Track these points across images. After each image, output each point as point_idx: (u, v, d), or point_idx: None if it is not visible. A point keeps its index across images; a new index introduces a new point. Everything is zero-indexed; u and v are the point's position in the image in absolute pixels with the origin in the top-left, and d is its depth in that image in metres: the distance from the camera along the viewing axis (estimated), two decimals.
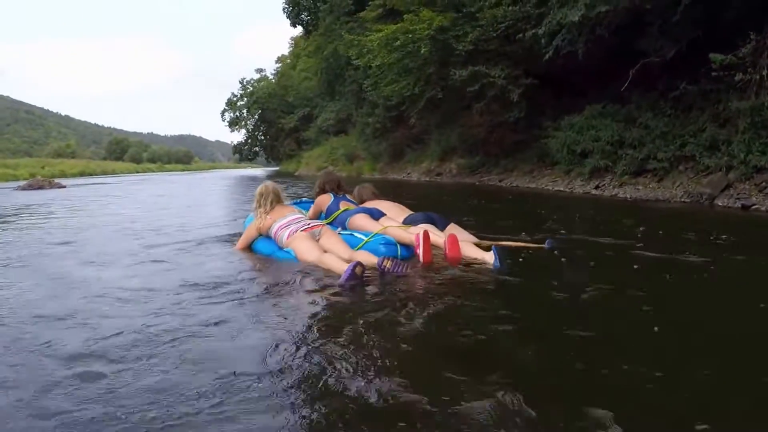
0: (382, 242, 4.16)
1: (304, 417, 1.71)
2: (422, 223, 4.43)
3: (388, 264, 3.63)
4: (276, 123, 57.26)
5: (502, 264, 3.73)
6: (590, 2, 9.40)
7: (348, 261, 3.66)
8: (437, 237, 4.16)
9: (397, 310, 2.79)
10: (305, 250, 4.05)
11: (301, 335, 2.54)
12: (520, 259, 4.05)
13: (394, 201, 5.22)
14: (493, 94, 13.87)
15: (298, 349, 2.33)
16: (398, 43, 14.87)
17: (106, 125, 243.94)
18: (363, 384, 1.92)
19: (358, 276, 3.45)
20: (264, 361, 2.19)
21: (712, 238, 5.14)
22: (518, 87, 13.28)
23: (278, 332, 2.58)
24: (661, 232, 5.65)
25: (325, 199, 5.11)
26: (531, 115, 14.35)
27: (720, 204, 8.06)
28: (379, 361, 2.13)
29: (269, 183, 4.76)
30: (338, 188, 5.27)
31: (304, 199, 6.30)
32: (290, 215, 4.48)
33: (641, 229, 5.63)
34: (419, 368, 2.10)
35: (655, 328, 2.46)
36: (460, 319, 2.69)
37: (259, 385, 1.94)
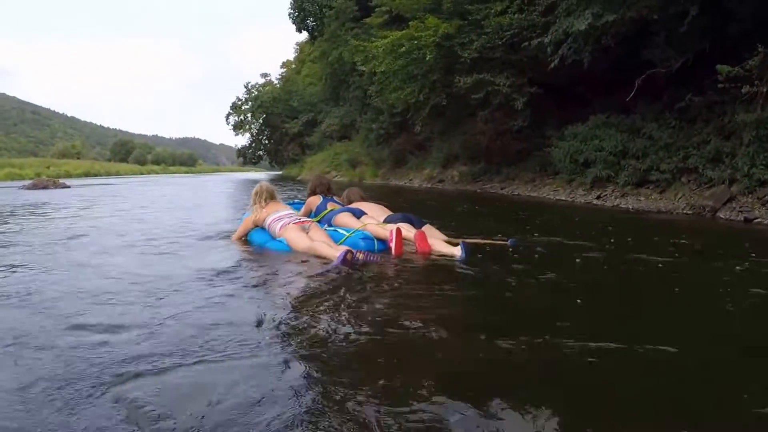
0: (362, 237, 4.76)
1: (287, 366, 2.14)
2: (400, 222, 4.92)
3: (360, 255, 4.21)
4: (280, 127, 57.13)
5: (466, 256, 4.30)
6: (597, 11, 9.35)
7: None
8: (410, 233, 4.66)
9: (366, 289, 3.40)
10: (297, 239, 4.60)
11: (291, 307, 3.04)
12: (479, 255, 4.52)
13: (379, 203, 5.79)
14: (498, 102, 13.79)
15: (287, 318, 2.83)
16: (403, 49, 14.79)
17: (111, 127, 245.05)
18: (338, 342, 2.44)
19: (348, 261, 4.02)
20: (258, 325, 2.67)
21: (672, 241, 5.69)
22: (523, 95, 13.21)
23: (271, 305, 3.12)
24: (630, 239, 6.02)
25: (315, 200, 5.75)
26: (534, 124, 14.29)
27: (722, 217, 7.97)
28: (349, 326, 2.65)
29: (264, 182, 5.44)
30: (327, 191, 5.94)
31: (296, 200, 6.88)
32: (283, 210, 5.06)
33: (609, 237, 6.05)
34: (372, 326, 2.66)
35: (578, 301, 3.21)
36: (417, 297, 3.29)
37: (256, 342, 2.41)
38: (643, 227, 7.59)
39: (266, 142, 65.07)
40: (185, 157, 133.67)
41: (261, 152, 67.68)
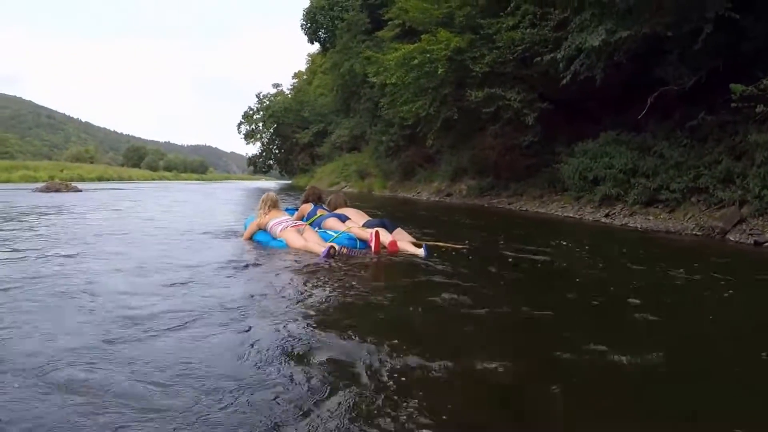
0: (347, 237, 5.86)
1: (287, 322, 3.07)
2: (377, 226, 6.02)
3: (344, 250, 5.52)
4: (291, 137, 57.41)
5: (427, 254, 5.47)
6: (611, 27, 9.25)
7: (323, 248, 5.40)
8: (385, 236, 5.81)
9: (351, 276, 4.45)
10: (294, 239, 5.73)
11: (290, 286, 4.08)
12: (434, 254, 5.63)
13: (358, 209, 6.95)
14: (508, 116, 13.70)
15: (287, 293, 3.84)
16: (415, 62, 14.75)
17: (124, 132, 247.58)
18: (324, 306, 3.49)
19: (331, 255, 5.19)
20: (267, 301, 3.55)
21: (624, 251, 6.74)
22: (533, 111, 13.12)
23: (275, 284, 4.08)
24: (587, 246, 7.13)
25: (307, 207, 6.82)
26: (544, 140, 14.19)
27: (732, 239, 7.79)
28: (335, 301, 3.64)
29: (271, 192, 6.47)
30: (318, 200, 7.08)
31: (289, 207, 7.77)
32: (282, 216, 6.17)
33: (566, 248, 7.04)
34: (353, 301, 3.66)
35: (501, 282, 4.61)
36: (390, 282, 4.65)
37: (265, 308, 3.34)
38: (622, 243, 7.74)
39: (277, 151, 65.39)
40: (196, 164, 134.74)
41: (271, 161, 68.00)
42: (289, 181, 62.04)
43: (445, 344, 2.79)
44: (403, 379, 2.29)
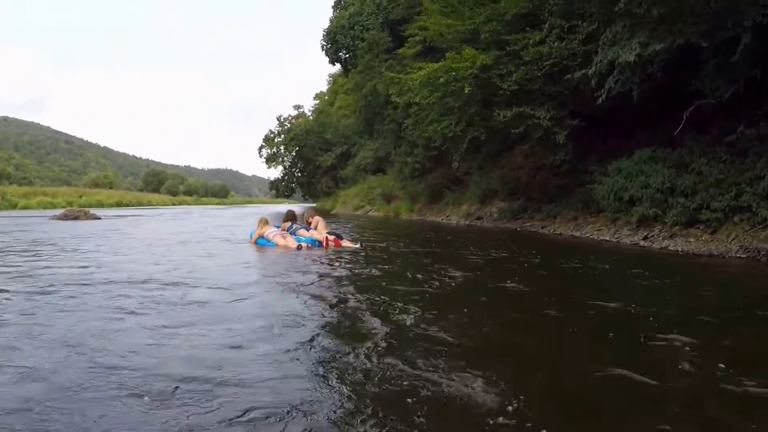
0: (310, 240, 10.06)
1: (282, 290, 5.77)
2: (332, 234, 10.26)
3: (310, 246, 9.70)
4: (313, 160, 58.07)
5: (361, 247, 9.76)
6: (644, 40, 9.20)
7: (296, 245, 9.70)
8: (334, 240, 9.99)
9: (311, 260, 8.30)
10: (280, 241, 9.98)
11: (277, 266, 7.84)
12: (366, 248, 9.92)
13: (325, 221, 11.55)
14: (538, 135, 13.67)
15: (275, 271, 7.34)
16: (441, 80, 14.82)
17: (144, 157, 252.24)
18: (297, 277, 6.55)
19: (301, 249, 9.43)
20: (269, 281, 6.45)
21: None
22: (564, 128, 13.08)
23: (269, 266, 8.20)
24: (540, 251, 9.79)
25: (287, 224, 10.85)
26: (575, 158, 14.09)
27: None
28: (302, 263, 7.91)
29: (263, 216, 11.63)
30: (294, 219, 11.06)
31: (277, 224, 11.47)
32: (272, 229, 10.63)
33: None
34: (311, 272, 7.13)
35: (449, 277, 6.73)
36: (333, 260, 8.20)
37: (267, 279, 6.62)
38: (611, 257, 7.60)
39: (299, 174, 66.06)
40: (217, 188, 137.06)
41: (294, 185, 68.58)
42: (313, 204, 62.59)
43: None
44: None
